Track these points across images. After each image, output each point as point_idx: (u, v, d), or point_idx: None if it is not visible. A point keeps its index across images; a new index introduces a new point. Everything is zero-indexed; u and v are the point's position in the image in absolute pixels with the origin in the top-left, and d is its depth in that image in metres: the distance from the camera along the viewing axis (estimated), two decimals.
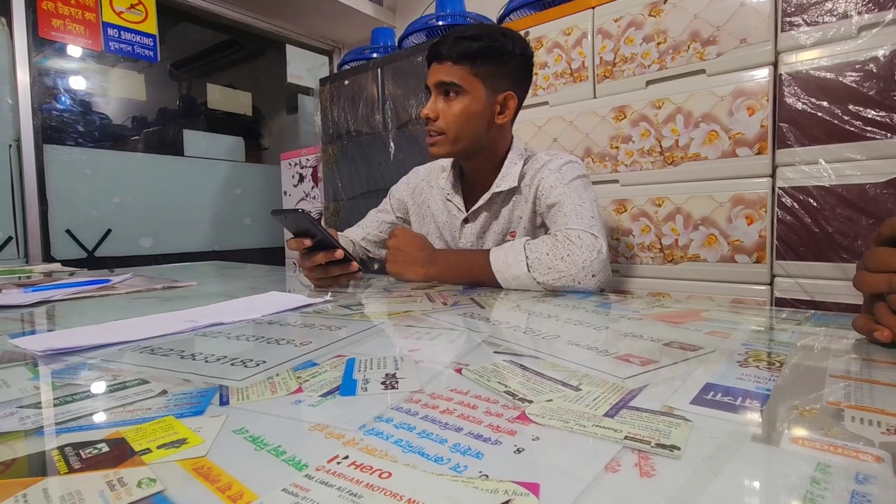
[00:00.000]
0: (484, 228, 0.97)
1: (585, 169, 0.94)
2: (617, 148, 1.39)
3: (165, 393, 0.32)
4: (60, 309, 0.69)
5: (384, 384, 0.33)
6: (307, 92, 2.94)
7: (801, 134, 1.12)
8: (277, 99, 3.08)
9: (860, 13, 1.05)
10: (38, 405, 0.31)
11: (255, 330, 0.51)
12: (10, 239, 1.88)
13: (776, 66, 1.16)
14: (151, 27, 2.21)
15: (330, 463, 0.23)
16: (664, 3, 1.30)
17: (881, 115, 1.03)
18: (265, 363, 0.39)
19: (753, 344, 0.43)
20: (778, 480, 0.21)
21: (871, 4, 1.04)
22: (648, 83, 1.34)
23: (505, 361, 0.38)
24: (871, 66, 1.04)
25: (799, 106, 1.12)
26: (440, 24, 1.98)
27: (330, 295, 0.75)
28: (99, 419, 0.29)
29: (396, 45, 2.24)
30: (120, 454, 0.24)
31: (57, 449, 0.25)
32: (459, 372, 0.36)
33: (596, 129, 1.43)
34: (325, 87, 2.31)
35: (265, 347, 0.44)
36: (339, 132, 2.26)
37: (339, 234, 1.05)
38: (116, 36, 2.11)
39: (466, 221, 0.99)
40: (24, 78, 1.91)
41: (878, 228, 0.39)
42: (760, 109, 1.16)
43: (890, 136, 1.02)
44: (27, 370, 0.39)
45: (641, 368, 0.36)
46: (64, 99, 2.12)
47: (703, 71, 1.25)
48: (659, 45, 1.31)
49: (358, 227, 1.14)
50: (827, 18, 1.09)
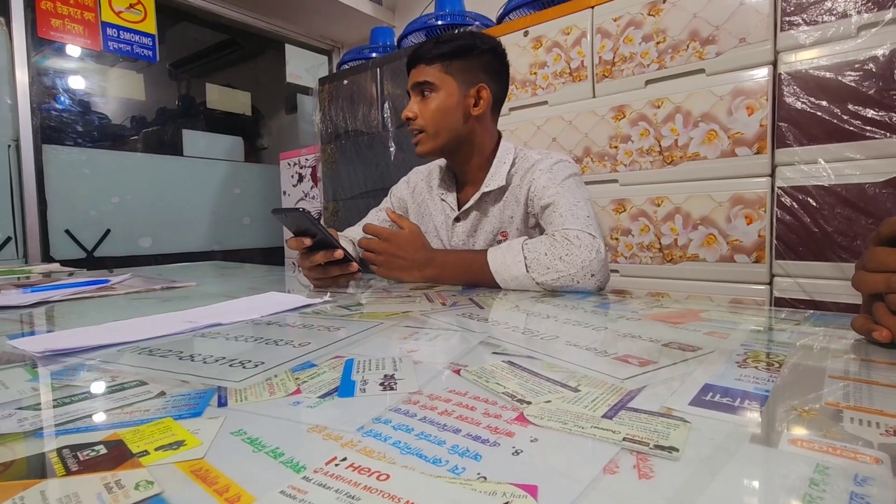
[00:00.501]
0: (475, 227, 0.99)
1: (576, 167, 0.95)
2: (616, 147, 1.39)
3: (164, 394, 0.32)
4: (59, 309, 0.69)
5: (383, 385, 0.33)
6: (306, 91, 2.94)
7: (800, 133, 1.12)
8: (277, 99, 3.08)
9: (859, 12, 1.05)
10: (36, 407, 0.31)
11: (253, 331, 0.51)
12: (9, 239, 1.88)
13: (775, 65, 1.16)
14: (150, 27, 2.21)
15: (328, 465, 0.23)
16: (663, 2, 1.29)
17: (880, 114, 1.03)
18: (264, 364, 0.39)
19: (752, 344, 0.43)
20: (776, 482, 0.21)
21: (870, 4, 1.04)
22: (648, 83, 1.34)
23: (503, 362, 0.38)
24: (870, 65, 1.04)
25: (798, 105, 1.12)
26: (439, 23, 1.98)
27: (329, 295, 0.75)
28: (97, 421, 0.29)
29: (396, 44, 2.24)
30: (118, 456, 0.24)
31: (55, 451, 0.25)
32: (458, 373, 0.36)
33: (595, 128, 1.43)
34: (324, 86, 2.31)
35: (264, 348, 0.44)
36: (338, 132, 2.26)
37: (338, 234, 1.05)
38: (115, 36, 2.11)
39: (458, 220, 1.01)
40: (22, 78, 1.91)
41: (877, 228, 0.39)
42: (760, 109, 1.16)
43: (889, 135, 1.02)
44: (26, 371, 0.39)
45: (640, 369, 0.36)
46: (63, 99, 2.11)
47: (702, 70, 1.25)
48: (658, 44, 1.31)
49: (358, 226, 1.14)
50: (826, 18, 1.09)
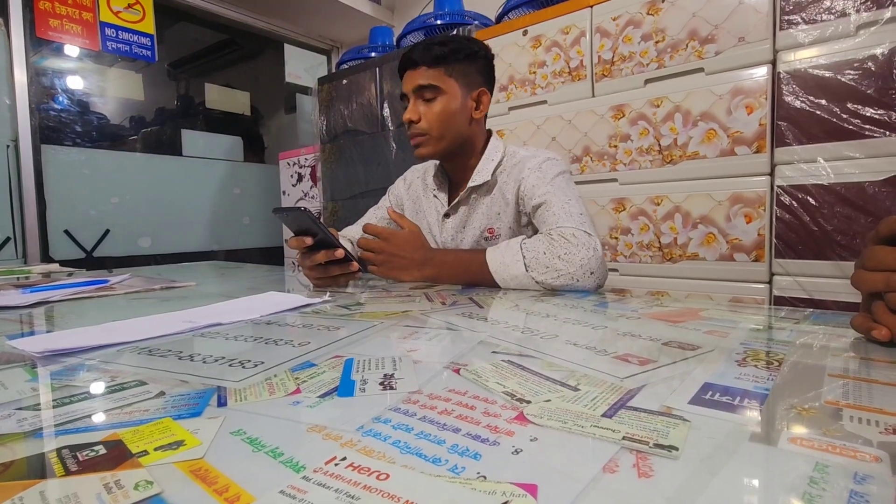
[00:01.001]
0: (463, 223, 1.00)
1: (565, 164, 0.95)
2: (615, 147, 1.39)
3: (163, 394, 0.32)
4: (59, 310, 0.69)
5: (382, 385, 0.33)
6: (306, 91, 2.94)
7: (799, 132, 1.12)
8: (276, 98, 3.07)
9: (858, 11, 1.05)
10: (36, 407, 0.31)
11: (253, 330, 0.51)
12: (8, 239, 1.88)
13: (775, 64, 1.16)
14: (149, 27, 2.20)
15: (328, 464, 0.23)
16: (662, 1, 1.29)
17: (879, 113, 1.03)
18: (263, 364, 0.38)
19: (752, 343, 0.43)
20: (776, 480, 0.21)
21: (869, 3, 1.04)
22: (647, 82, 1.34)
23: (503, 361, 0.38)
24: (869, 64, 1.04)
25: (797, 104, 1.12)
26: (438, 23, 1.97)
27: (329, 295, 0.75)
28: (96, 421, 0.29)
29: (395, 44, 2.23)
30: (117, 456, 0.24)
31: (54, 451, 0.25)
32: (458, 372, 0.36)
33: (594, 127, 1.43)
34: (323, 86, 2.31)
35: (263, 348, 0.44)
36: (337, 131, 2.26)
37: (338, 233, 1.05)
38: (114, 35, 2.10)
39: (447, 216, 1.02)
40: (21, 78, 1.90)
41: (876, 227, 0.39)
42: (759, 108, 1.16)
43: (888, 134, 1.02)
44: (25, 371, 0.39)
45: (640, 368, 0.36)
46: (62, 99, 2.11)
47: (701, 69, 1.25)
48: (657, 43, 1.31)
49: (357, 225, 1.14)
50: (825, 17, 1.09)
